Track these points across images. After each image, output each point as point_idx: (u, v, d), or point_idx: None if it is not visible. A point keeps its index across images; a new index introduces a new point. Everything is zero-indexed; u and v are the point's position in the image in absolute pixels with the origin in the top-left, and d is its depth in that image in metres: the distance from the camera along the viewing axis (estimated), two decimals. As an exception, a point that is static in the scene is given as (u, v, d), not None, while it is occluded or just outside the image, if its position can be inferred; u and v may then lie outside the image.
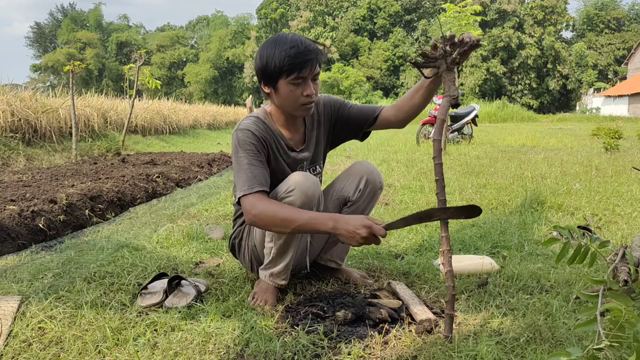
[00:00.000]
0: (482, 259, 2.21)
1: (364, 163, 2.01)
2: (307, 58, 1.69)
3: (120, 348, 1.50)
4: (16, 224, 2.91)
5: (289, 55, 1.67)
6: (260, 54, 1.74)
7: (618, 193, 3.94)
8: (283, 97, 1.76)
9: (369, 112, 1.99)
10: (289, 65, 1.67)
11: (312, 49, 1.72)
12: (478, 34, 7.62)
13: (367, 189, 1.97)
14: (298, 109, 1.79)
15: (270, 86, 1.76)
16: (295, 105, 1.77)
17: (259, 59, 1.75)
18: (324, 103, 1.99)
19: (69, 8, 63.95)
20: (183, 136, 13.36)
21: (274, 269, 1.88)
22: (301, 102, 1.76)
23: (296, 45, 1.69)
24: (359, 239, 1.56)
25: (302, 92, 1.74)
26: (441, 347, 1.47)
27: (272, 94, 1.79)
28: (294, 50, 1.67)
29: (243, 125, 1.80)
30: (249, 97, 9.68)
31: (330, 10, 50.29)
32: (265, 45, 1.75)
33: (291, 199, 1.71)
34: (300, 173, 1.76)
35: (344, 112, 2.01)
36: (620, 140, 8.69)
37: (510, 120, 25.65)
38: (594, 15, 49.36)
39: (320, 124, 1.99)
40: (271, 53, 1.70)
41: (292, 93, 1.74)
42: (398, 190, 4.34)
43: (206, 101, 27.45)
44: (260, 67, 1.74)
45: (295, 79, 1.70)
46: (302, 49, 1.69)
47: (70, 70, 7.51)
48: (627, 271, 1.82)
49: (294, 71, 1.69)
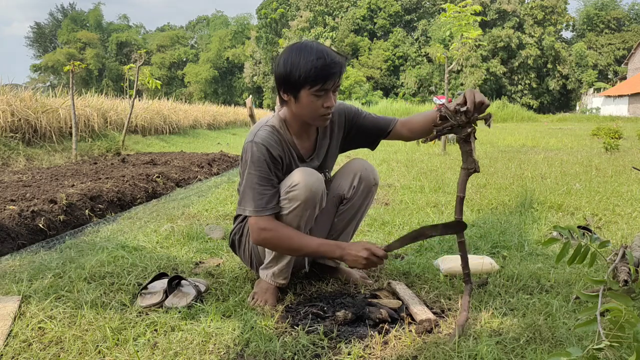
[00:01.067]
0: (482, 259, 2.21)
1: (359, 160, 2.02)
2: (332, 71, 1.68)
3: (120, 348, 1.50)
4: (16, 224, 2.91)
5: (315, 67, 1.65)
6: (284, 60, 1.70)
7: (618, 193, 3.94)
8: (303, 107, 1.74)
9: (384, 125, 1.99)
10: (314, 76, 1.66)
11: (337, 61, 1.69)
12: (478, 34, 7.61)
13: (361, 185, 1.97)
14: (316, 119, 1.78)
15: (291, 95, 1.74)
16: (315, 115, 1.76)
17: (282, 66, 1.70)
18: (339, 112, 1.98)
19: (69, 8, 63.99)
20: (183, 136, 13.36)
21: (274, 268, 1.88)
22: (320, 113, 1.75)
23: (323, 56, 1.66)
24: (362, 262, 1.68)
25: (323, 103, 1.72)
26: (441, 347, 1.47)
27: (292, 102, 1.76)
28: (320, 62, 1.65)
29: (260, 138, 1.77)
30: (249, 97, 9.65)
31: (330, 10, 50.29)
32: (290, 52, 1.71)
33: (295, 193, 1.72)
34: (304, 169, 1.77)
35: (357, 121, 2.00)
36: (620, 140, 8.70)
37: (510, 120, 25.66)
38: (594, 15, 49.37)
39: (333, 132, 1.98)
40: (296, 61, 1.67)
41: (313, 104, 1.72)
42: (398, 190, 4.34)
43: (206, 101, 27.43)
44: (283, 74, 1.70)
45: (319, 90, 1.69)
46: (328, 61, 1.66)
47: (70, 70, 7.51)
48: (627, 271, 1.82)
49: (318, 82, 1.67)
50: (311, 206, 1.75)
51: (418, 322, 1.64)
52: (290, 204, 1.73)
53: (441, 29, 37.68)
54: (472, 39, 7.58)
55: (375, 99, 36.74)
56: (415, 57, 48.21)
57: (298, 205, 1.73)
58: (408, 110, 26.45)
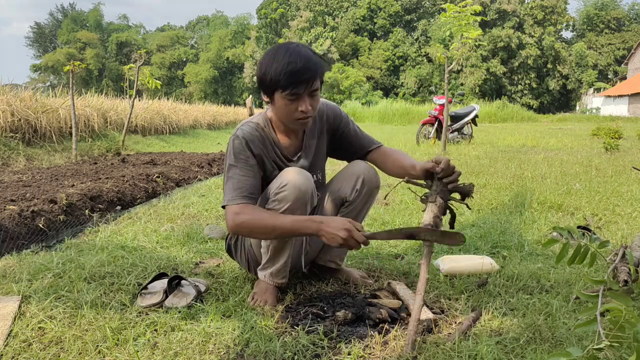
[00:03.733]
0: (482, 259, 2.21)
1: (361, 163, 1.99)
2: (303, 77, 1.65)
3: (120, 348, 1.50)
4: (16, 224, 2.91)
5: (285, 71, 1.64)
6: (260, 62, 1.73)
7: (618, 193, 3.94)
8: (278, 109, 1.76)
9: (366, 143, 2.01)
10: (284, 80, 1.65)
11: (310, 65, 1.66)
12: (478, 34, 7.60)
13: (364, 189, 1.95)
14: (292, 122, 1.78)
15: (268, 97, 1.76)
16: (290, 118, 1.76)
17: (258, 68, 1.75)
18: (327, 114, 1.98)
19: (69, 8, 63.98)
20: (183, 136, 13.36)
21: (272, 268, 1.87)
22: (296, 116, 1.74)
23: (294, 60, 1.64)
24: (339, 240, 1.57)
25: (297, 107, 1.72)
26: (441, 347, 1.47)
27: (271, 103, 1.78)
28: (290, 67, 1.64)
29: (241, 132, 1.80)
30: (249, 97, 9.66)
31: (330, 10, 50.29)
32: (266, 54, 1.73)
33: (284, 194, 1.71)
34: (294, 169, 1.77)
35: (342, 126, 2.00)
36: (620, 140, 8.70)
37: (510, 120, 25.65)
38: (594, 15, 49.37)
39: (322, 133, 1.98)
40: (269, 64, 1.68)
41: (287, 107, 1.72)
42: (398, 190, 4.34)
43: (206, 101, 27.44)
44: (259, 76, 1.74)
45: (290, 94, 1.68)
46: (299, 66, 1.64)
47: (70, 70, 7.51)
48: (627, 271, 1.82)
49: (288, 87, 1.67)
50: (301, 205, 1.74)
51: (418, 322, 1.64)
52: (280, 205, 1.73)
53: (441, 29, 37.68)
54: (472, 39, 7.58)
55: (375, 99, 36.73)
56: (415, 57, 48.21)
57: (288, 206, 1.72)
58: (408, 110, 26.42)
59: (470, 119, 10.02)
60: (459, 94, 10.89)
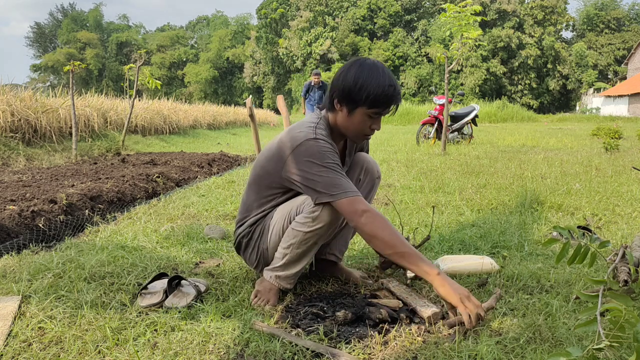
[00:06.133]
0: (482, 259, 2.21)
1: (361, 154, 2.06)
2: (396, 101, 1.75)
3: (120, 348, 1.50)
4: (16, 224, 2.91)
5: (385, 93, 1.69)
6: (355, 75, 1.70)
7: (618, 193, 3.94)
8: (353, 122, 1.77)
9: None
10: (380, 101, 1.69)
11: (399, 91, 1.75)
12: (478, 34, 7.60)
13: (367, 178, 2.02)
14: (358, 136, 1.82)
15: (346, 108, 1.75)
16: (359, 133, 1.80)
17: (351, 79, 1.70)
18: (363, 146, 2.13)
19: (68, 8, 64.00)
20: (183, 136, 13.36)
21: (281, 273, 1.86)
22: (365, 132, 1.80)
23: (394, 84, 1.71)
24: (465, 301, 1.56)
25: (372, 124, 1.77)
26: (441, 347, 1.47)
27: (342, 113, 1.77)
28: (391, 90, 1.70)
29: (321, 135, 1.74)
30: (249, 97, 9.65)
31: (330, 10, 50.26)
32: (361, 68, 1.71)
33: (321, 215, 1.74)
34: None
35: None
36: (620, 140, 8.70)
37: (510, 120, 25.66)
38: (594, 15, 49.37)
39: (351, 154, 2.03)
40: (368, 80, 1.68)
41: (364, 123, 1.76)
42: (398, 190, 4.34)
43: (206, 101, 27.41)
44: (349, 87, 1.70)
45: (375, 113, 1.73)
46: (397, 91, 1.72)
47: (70, 70, 7.51)
48: (627, 271, 1.82)
49: (380, 107, 1.71)
50: (333, 228, 1.78)
51: (425, 319, 1.66)
52: (313, 223, 1.73)
53: (441, 29, 37.66)
54: (472, 39, 7.57)
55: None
56: (415, 57, 48.18)
57: (322, 227, 1.73)
58: (408, 110, 26.40)
59: (470, 119, 10.02)
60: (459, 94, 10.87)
